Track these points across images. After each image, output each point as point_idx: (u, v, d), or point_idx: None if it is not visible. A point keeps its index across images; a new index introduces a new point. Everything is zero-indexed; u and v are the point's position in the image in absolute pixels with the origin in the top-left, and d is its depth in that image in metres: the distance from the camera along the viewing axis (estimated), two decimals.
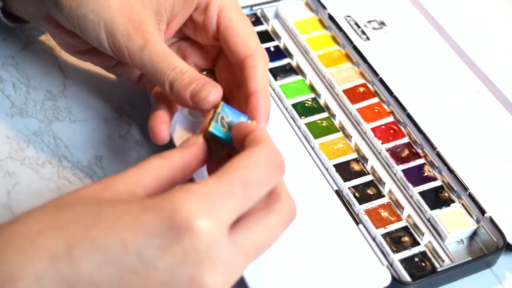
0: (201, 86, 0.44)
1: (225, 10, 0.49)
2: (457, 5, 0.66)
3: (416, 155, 0.55)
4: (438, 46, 0.63)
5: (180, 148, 0.41)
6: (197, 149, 0.42)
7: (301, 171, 0.54)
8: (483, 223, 0.50)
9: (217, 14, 0.49)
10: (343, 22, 0.64)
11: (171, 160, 0.40)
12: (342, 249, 0.49)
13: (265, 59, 0.49)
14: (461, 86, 0.60)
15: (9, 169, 0.53)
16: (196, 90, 0.44)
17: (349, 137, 0.56)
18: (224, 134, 0.43)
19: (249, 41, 0.49)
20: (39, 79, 0.58)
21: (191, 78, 0.45)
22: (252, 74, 0.48)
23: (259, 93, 0.47)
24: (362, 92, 0.59)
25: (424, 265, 0.49)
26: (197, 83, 0.44)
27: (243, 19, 0.50)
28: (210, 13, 0.49)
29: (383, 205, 0.52)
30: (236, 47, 0.48)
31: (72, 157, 0.54)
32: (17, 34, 0.61)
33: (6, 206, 0.50)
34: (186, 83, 0.44)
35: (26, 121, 0.56)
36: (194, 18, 0.50)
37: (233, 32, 0.49)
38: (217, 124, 0.43)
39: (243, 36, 0.48)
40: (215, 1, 0.49)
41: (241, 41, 0.48)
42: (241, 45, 0.48)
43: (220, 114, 0.43)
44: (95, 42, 0.48)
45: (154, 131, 0.47)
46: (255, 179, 0.37)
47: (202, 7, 0.49)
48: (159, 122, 0.47)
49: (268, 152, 0.38)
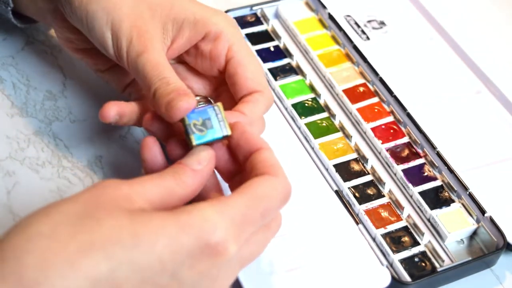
0: (177, 96, 0.44)
1: (236, 45, 0.49)
2: (457, 5, 0.66)
3: (416, 155, 0.55)
4: (438, 46, 0.63)
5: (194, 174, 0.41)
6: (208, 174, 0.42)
7: (301, 171, 0.54)
8: (483, 223, 0.50)
9: (228, 48, 0.49)
10: (343, 22, 0.64)
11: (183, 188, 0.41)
12: (342, 249, 0.49)
13: (269, 100, 0.49)
14: (461, 86, 0.60)
15: (9, 169, 0.53)
16: (171, 99, 0.44)
17: (349, 137, 0.56)
18: (208, 137, 0.43)
19: (260, 79, 0.49)
20: (39, 79, 0.58)
21: (172, 89, 0.44)
22: (250, 103, 0.47)
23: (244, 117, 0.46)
24: (362, 92, 0.59)
25: (424, 265, 0.49)
26: (175, 93, 0.44)
27: (254, 58, 0.50)
28: (220, 45, 0.49)
29: (383, 205, 0.52)
30: (246, 82, 0.48)
31: (72, 157, 0.54)
32: (17, 34, 0.61)
33: (6, 206, 0.50)
34: (167, 92, 0.44)
35: (26, 121, 0.56)
36: (199, 46, 0.49)
37: (244, 68, 0.48)
38: (196, 134, 0.43)
39: (254, 73, 0.49)
40: (226, 35, 0.49)
41: (251, 77, 0.48)
42: (251, 81, 0.48)
43: (190, 124, 0.43)
44: (98, 40, 0.48)
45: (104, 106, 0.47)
46: (272, 209, 0.41)
47: (211, 37, 0.49)
48: (113, 103, 0.47)
49: (285, 185, 0.42)
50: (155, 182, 0.40)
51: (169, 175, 0.40)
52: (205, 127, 0.43)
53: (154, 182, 0.40)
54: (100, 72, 0.53)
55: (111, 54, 0.48)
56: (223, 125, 0.44)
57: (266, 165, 0.42)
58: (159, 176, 0.40)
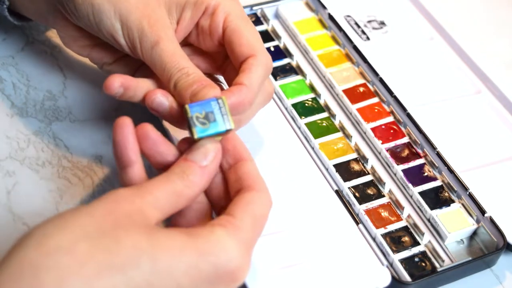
0: (202, 87, 0.44)
1: (232, 15, 0.49)
2: (457, 5, 0.67)
3: (416, 155, 0.55)
4: (438, 46, 0.63)
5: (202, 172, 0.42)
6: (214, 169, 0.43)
7: (301, 171, 0.54)
8: (483, 223, 0.50)
9: (224, 19, 0.49)
10: (343, 22, 0.64)
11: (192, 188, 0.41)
12: (342, 249, 0.49)
13: (265, 63, 0.48)
14: (461, 86, 0.60)
15: (9, 169, 0.53)
16: (196, 91, 0.44)
17: (349, 137, 0.56)
18: (211, 131, 0.43)
19: (253, 43, 0.48)
20: (39, 79, 0.58)
21: (194, 80, 0.45)
22: (246, 71, 0.46)
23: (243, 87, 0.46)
24: (362, 92, 0.59)
25: (424, 265, 0.49)
26: (199, 84, 0.45)
27: (250, 25, 0.50)
28: (217, 17, 0.49)
29: (383, 205, 0.52)
30: (240, 48, 0.48)
31: (72, 157, 0.54)
32: (17, 34, 0.61)
33: (6, 206, 0.50)
34: (189, 83, 0.45)
35: (26, 121, 0.56)
36: (199, 23, 0.50)
37: (239, 35, 0.48)
38: (198, 127, 0.42)
39: (247, 38, 0.48)
40: (223, 7, 0.49)
41: (245, 42, 0.48)
42: (245, 46, 0.48)
43: (193, 117, 0.43)
44: (107, 33, 0.48)
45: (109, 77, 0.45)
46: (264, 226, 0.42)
47: (209, 12, 0.49)
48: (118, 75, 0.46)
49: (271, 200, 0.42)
50: (164, 188, 0.40)
51: (177, 177, 0.40)
52: (207, 120, 0.43)
53: (163, 188, 0.40)
54: (107, 65, 0.53)
55: (123, 45, 0.48)
56: (226, 119, 0.43)
57: (252, 178, 0.42)
58: (167, 179, 0.40)
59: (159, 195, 0.39)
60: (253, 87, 0.46)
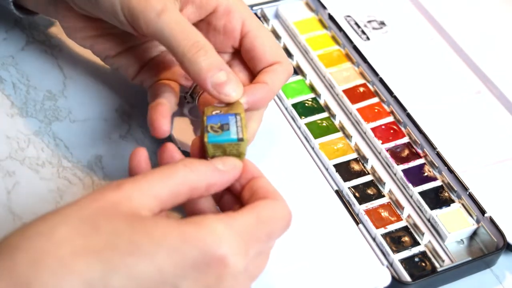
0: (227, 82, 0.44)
1: (249, 20, 0.49)
2: (457, 5, 0.66)
3: (416, 155, 0.55)
4: (438, 46, 0.63)
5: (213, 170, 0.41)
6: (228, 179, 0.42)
7: (301, 171, 0.54)
8: (483, 223, 0.50)
9: (241, 23, 0.49)
10: (343, 22, 0.64)
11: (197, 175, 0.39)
12: (342, 249, 0.49)
13: (289, 69, 0.49)
14: (461, 86, 0.60)
15: (9, 169, 0.53)
16: (219, 82, 0.44)
17: (349, 137, 0.56)
18: (222, 138, 0.43)
19: (278, 51, 0.49)
20: (39, 79, 0.58)
21: (212, 62, 0.44)
22: (270, 72, 0.48)
23: (265, 85, 0.47)
24: (362, 92, 0.59)
25: (424, 265, 0.49)
26: (219, 71, 0.44)
27: (268, 31, 0.50)
28: (234, 20, 0.49)
29: (383, 205, 0.52)
30: (265, 55, 0.48)
31: (72, 157, 0.54)
32: (17, 34, 0.61)
33: (6, 206, 0.50)
34: (207, 67, 0.44)
35: (26, 121, 0.56)
36: (211, 21, 0.49)
37: (261, 41, 0.49)
38: (210, 133, 0.43)
39: (271, 45, 0.49)
40: (237, 10, 0.49)
41: (269, 50, 0.49)
42: (269, 53, 0.49)
43: (208, 126, 0.43)
44: (109, 13, 0.46)
45: (155, 125, 0.46)
46: (277, 232, 0.40)
47: (221, 12, 0.49)
48: (160, 115, 0.47)
49: (288, 209, 0.41)
50: (164, 175, 0.38)
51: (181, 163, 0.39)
52: (221, 129, 0.43)
53: (162, 175, 0.38)
54: (110, 58, 0.52)
55: (125, 24, 0.46)
56: (240, 130, 0.43)
57: (267, 191, 0.41)
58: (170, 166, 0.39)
59: (156, 182, 0.38)
60: (275, 88, 0.47)
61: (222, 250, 0.36)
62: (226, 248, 0.36)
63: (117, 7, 0.46)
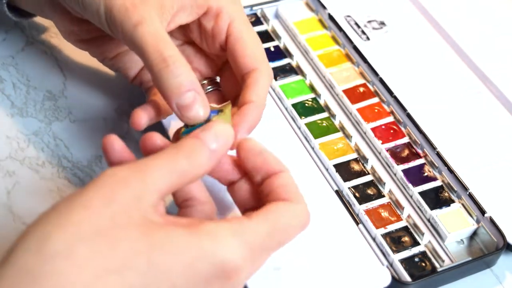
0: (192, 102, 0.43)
1: (236, 22, 0.49)
2: (457, 5, 0.66)
3: (416, 155, 0.55)
4: (438, 46, 0.63)
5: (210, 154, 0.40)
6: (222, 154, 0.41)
7: (301, 171, 0.53)
8: (483, 223, 0.50)
9: (228, 24, 0.49)
10: (343, 22, 0.64)
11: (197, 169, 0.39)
12: (342, 249, 0.49)
13: (269, 75, 0.49)
14: (461, 86, 0.60)
15: (9, 169, 0.53)
16: (184, 104, 0.43)
17: (349, 137, 0.56)
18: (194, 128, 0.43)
19: (257, 55, 0.48)
20: (39, 79, 0.59)
21: (180, 81, 0.43)
22: (253, 86, 0.47)
23: (253, 104, 0.46)
24: (362, 92, 0.59)
25: (424, 265, 0.49)
26: (187, 92, 0.43)
27: (253, 34, 0.50)
28: (221, 21, 0.49)
29: (383, 205, 0.52)
30: (244, 59, 0.48)
31: (72, 157, 0.54)
32: (17, 34, 0.61)
33: (6, 206, 0.50)
34: (174, 85, 0.43)
35: (26, 121, 0.56)
36: (202, 23, 0.49)
37: (242, 44, 0.48)
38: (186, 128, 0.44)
39: (252, 49, 0.48)
40: (227, 11, 0.49)
41: (249, 54, 0.48)
42: (249, 58, 0.48)
43: None
44: (95, 18, 0.46)
45: (133, 115, 0.46)
46: (291, 237, 0.40)
47: (212, 13, 0.49)
48: (141, 109, 0.46)
49: (306, 213, 0.41)
50: (167, 167, 0.38)
51: (184, 156, 0.38)
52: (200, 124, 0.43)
53: (165, 166, 0.38)
54: (108, 60, 0.52)
55: (107, 29, 0.46)
56: None
57: (288, 191, 0.41)
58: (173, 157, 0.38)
59: (159, 175, 0.37)
60: (262, 102, 0.47)
61: (232, 264, 0.37)
62: (237, 262, 0.37)
63: (101, 11, 0.45)
